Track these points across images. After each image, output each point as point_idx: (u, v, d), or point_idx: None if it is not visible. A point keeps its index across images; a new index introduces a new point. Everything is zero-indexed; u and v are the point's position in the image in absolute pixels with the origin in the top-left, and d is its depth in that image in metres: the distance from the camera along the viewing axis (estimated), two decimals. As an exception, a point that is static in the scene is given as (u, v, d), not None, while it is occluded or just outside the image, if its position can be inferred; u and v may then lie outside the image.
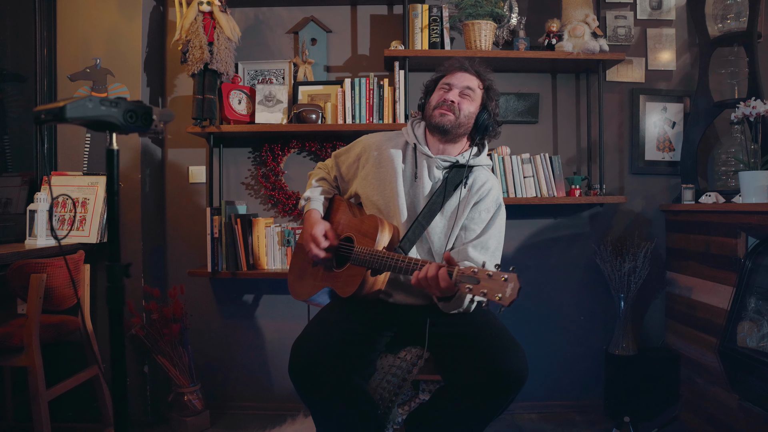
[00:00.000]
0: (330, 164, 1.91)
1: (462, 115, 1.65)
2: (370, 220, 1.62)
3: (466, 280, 1.26)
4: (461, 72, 1.69)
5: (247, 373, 2.70)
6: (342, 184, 1.87)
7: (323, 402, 1.49)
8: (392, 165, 1.69)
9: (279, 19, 2.70)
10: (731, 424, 2.08)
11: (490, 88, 1.71)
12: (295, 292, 1.81)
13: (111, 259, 1.15)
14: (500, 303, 1.20)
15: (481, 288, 1.23)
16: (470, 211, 1.65)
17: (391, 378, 1.61)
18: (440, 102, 1.66)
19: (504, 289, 1.20)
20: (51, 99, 2.51)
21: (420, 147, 1.70)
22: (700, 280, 2.35)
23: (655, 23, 2.73)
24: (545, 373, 2.69)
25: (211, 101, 2.43)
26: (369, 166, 1.74)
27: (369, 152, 1.76)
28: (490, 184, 1.70)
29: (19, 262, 1.86)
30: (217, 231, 2.46)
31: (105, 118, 1.07)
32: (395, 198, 1.65)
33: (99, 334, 2.24)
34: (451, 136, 1.67)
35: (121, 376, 1.16)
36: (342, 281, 1.61)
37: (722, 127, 2.66)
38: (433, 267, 1.34)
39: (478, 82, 1.69)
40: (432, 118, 1.67)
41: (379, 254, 1.50)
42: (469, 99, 1.67)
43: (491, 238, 1.63)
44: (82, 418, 2.43)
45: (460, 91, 1.66)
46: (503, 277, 1.21)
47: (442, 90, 1.69)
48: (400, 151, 1.73)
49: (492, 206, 1.67)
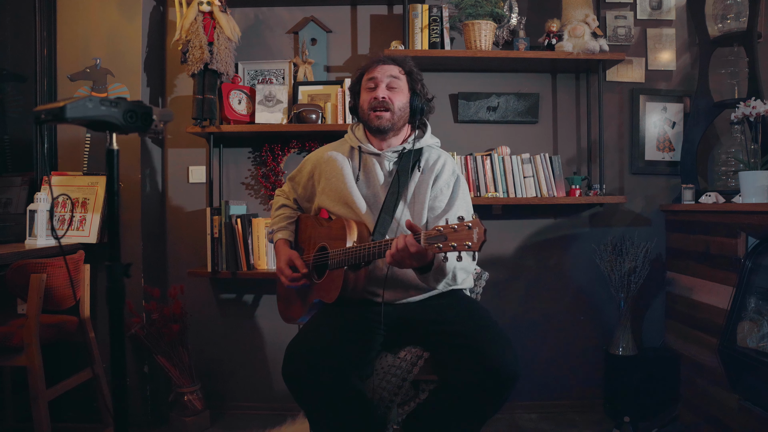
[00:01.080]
0: (287, 189, 1.96)
1: (397, 108, 1.69)
2: (336, 223, 1.66)
3: (433, 240, 1.28)
4: (380, 65, 1.72)
5: (247, 373, 2.71)
6: (304, 204, 1.92)
7: (318, 404, 1.48)
8: (342, 172, 1.73)
9: (279, 19, 2.70)
10: (731, 424, 2.08)
11: (411, 71, 1.74)
12: (288, 318, 1.85)
13: (111, 259, 1.15)
14: (471, 250, 1.22)
15: (450, 242, 1.25)
16: (431, 189, 1.69)
17: (391, 378, 1.61)
18: (371, 102, 1.69)
19: (471, 236, 1.22)
20: (51, 99, 2.51)
21: (365, 147, 1.75)
22: (700, 280, 2.35)
23: (655, 23, 2.73)
24: (545, 373, 2.69)
25: (211, 101, 2.43)
26: (323, 181, 1.78)
27: (319, 167, 1.81)
28: (443, 159, 1.74)
29: (19, 262, 1.86)
30: (217, 231, 2.46)
31: (105, 118, 1.07)
32: (352, 199, 1.69)
33: (99, 334, 2.24)
34: (391, 132, 1.72)
35: (121, 376, 1.16)
36: (325, 288, 1.63)
37: (722, 127, 2.66)
38: (400, 238, 1.36)
39: (398, 69, 1.72)
40: (369, 121, 1.71)
41: (351, 249, 1.53)
42: (397, 90, 1.70)
43: (459, 209, 1.67)
44: (82, 418, 2.43)
45: (387, 84, 1.69)
46: (467, 226, 1.23)
47: (368, 89, 1.72)
48: (347, 157, 1.77)
49: (450, 179, 1.71)
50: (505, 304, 2.69)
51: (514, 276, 2.71)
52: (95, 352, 2.18)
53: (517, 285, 2.71)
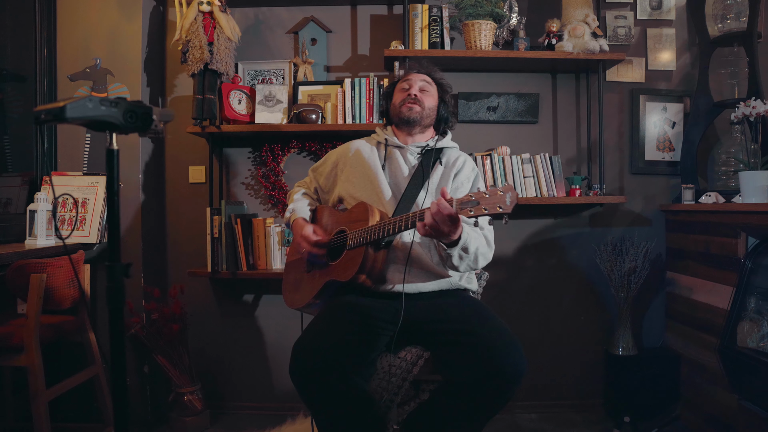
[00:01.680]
0: (308, 180, 2.05)
1: (426, 107, 1.84)
2: (358, 207, 1.71)
3: (466, 205, 1.33)
4: (415, 74, 1.90)
5: (247, 373, 2.71)
6: (323, 195, 2.00)
7: (325, 402, 1.49)
8: (369, 160, 1.85)
9: (279, 19, 2.70)
10: (731, 424, 2.08)
11: (441, 83, 1.91)
12: (294, 303, 1.86)
13: (111, 259, 1.15)
14: (503, 212, 1.27)
15: (482, 206, 1.30)
16: (452, 182, 1.80)
17: (391, 378, 1.61)
18: (404, 98, 1.84)
19: (503, 200, 1.27)
20: (51, 99, 2.51)
21: (391, 140, 1.88)
22: (700, 280, 2.35)
23: (655, 23, 2.73)
24: (545, 373, 2.69)
25: (211, 101, 2.43)
26: (348, 168, 1.88)
27: (345, 156, 1.92)
28: (463, 158, 1.87)
29: (19, 262, 1.86)
30: (217, 231, 2.46)
31: (105, 118, 1.07)
32: (378, 185, 1.78)
33: (99, 334, 2.24)
34: (419, 126, 1.85)
35: (121, 376, 1.16)
36: (341, 268, 1.65)
37: (722, 127, 2.66)
38: (433, 204, 1.39)
39: (430, 79, 1.89)
40: (400, 113, 1.84)
41: (375, 225, 1.56)
42: (428, 93, 1.86)
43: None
44: (82, 418, 2.43)
45: (420, 87, 1.85)
46: (499, 192, 1.29)
47: (402, 90, 1.88)
48: (375, 147, 1.90)
49: (471, 174, 1.85)
50: (505, 304, 2.69)
51: (514, 276, 2.71)
52: (95, 352, 2.18)
53: (517, 285, 2.71)
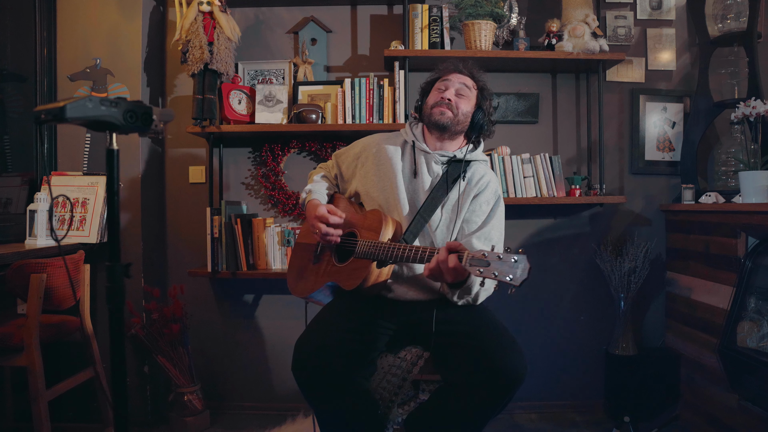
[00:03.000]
0: (330, 164, 1.96)
1: (460, 113, 1.71)
2: (374, 214, 1.66)
3: (476, 263, 1.28)
4: (456, 73, 1.75)
5: (247, 373, 2.70)
6: (342, 183, 1.91)
7: (327, 400, 1.50)
8: (391, 162, 1.74)
9: (279, 19, 2.70)
10: (731, 424, 2.08)
11: (483, 88, 1.78)
12: (296, 290, 1.81)
13: (111, 259, 1.15)
14: (511, 284, 1.22)
15: (492, 270, 1.25)
16: (471, 203, 1.70)
17: (392, 378, 1.61)
18: (438, 101, 1.71)
19: (514, 270, 1.22)
20: (51, 99, 2.51)
21: (418, 144, 1.76)
22: (700, 280, 2.35)
23: (655, 23, 2.73)
24: (545, 373, 2.69)
25: (211, 101, 2.43)
26: (369, 164, 1.78)
27: (368, 151, 1.81)
28: (488, 177, 1.76)
29: (19, 262, 1.86)
30: (217, 231, 2.46)
31: (105, 118, 1.07)
32: (395, 193, 1.69)
33: (99, 334, 2.24)
34: (449, 133, 1.73)
35: (121, 376, 1.16)
36: (346, 274, 1.63)
37: (722, 127, 2.66)
38: (443, 252, 1.35)
39: (472, 82, 1.76)
40: (431, 116, 1.72)
41: (386, 245, 1.52)
42: (465, 98, 1.73)
43: (493, 229, 1.67)
44: (82, 418, 2.43)
45: (456, 90, 1.72)
46: (513, 259, 1.23)
47: (438, 90, 1.74)
48: (399, 148, 1.78)
49: (491, 198, 1.72)
50: (505, 304, 2.69)
51: (514, 276, 2.70)
52: (95, 352, 2.18)
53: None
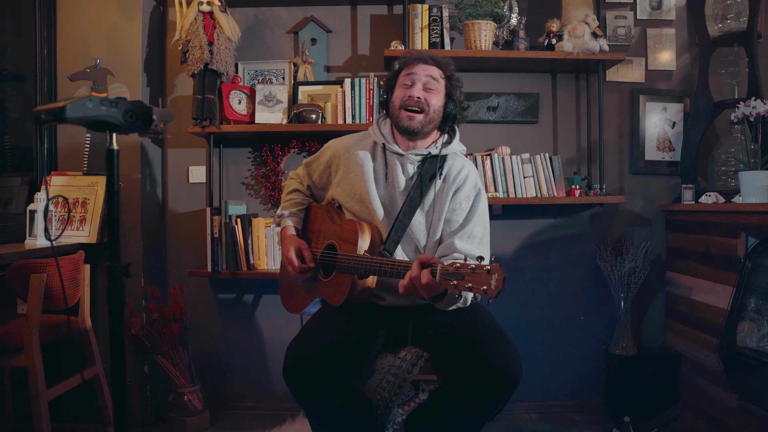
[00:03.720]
0: (302, 173, 1.89)
1: (431, 110, 1.62)
2: (349, 224, 1.62)
3: (450, 277, 1.23)
4: (421, 64, 1.64)
5: (247, 373, 2.70)
6: (317, 191, 1.86)
7: (319, 405, 1.48)
8: (362, 168, 1.66)
9: (279, 19, 2.70)
10: (731, 424, 2.08)
11: (451, 76, 1.66)
12: (289, 307, 1.83)
13: (111, 259, 1.15)
14: (487, 296, 1.17)
15: (466, 283, 1.21)
16: (450, 201, 1.63)
17: (391, 378, 1.61)
18: (405, 100, 1.62)
19: (489, 281, 1.17)
20: (51, 99, 2.51)
21: (389, 146, 1.68)
22: (700, 280, 2.35)
23: (655, 23, 2.73)
24: (545, 373, 2.69)
25: (211, 101, 2.43)
26: (340, 172, 1.72)
27: (338, 158, 1.74)
28: (467, 170, 1.68)
29: (19, 262, 1.86)
30: (217, 231, 2.46)
31: (105, 118, 1.07)
32: (369, 201, 1.63)
33: (99, 334, 2.24)
34: (419, 135, 1.65)
35: (121, 376, 1.16)
36: (332, 290, 1.62)
37: (722, 127, 2.66)
38: (415, 268, 1.30)
39: (439, 71, 1.65)
40: (400, 120, 1.63)
41: (363, 260, 1.49)
42: (434, 92, 1.63)
43: (476, 226, 1.61)
44: (82, 418, 2.43)
45: (424, 84, 1.62)
46: (486, 269, 1.18)
47: (404, 86, 1.64)
48: (369, 152, 1.70)
49: (471, 193, 1.65)
50: (505, 304, 2.69)
51: (514, 276, 2.70)
52: (95, 352, 2.18)
53: (517, 285, 2.71)
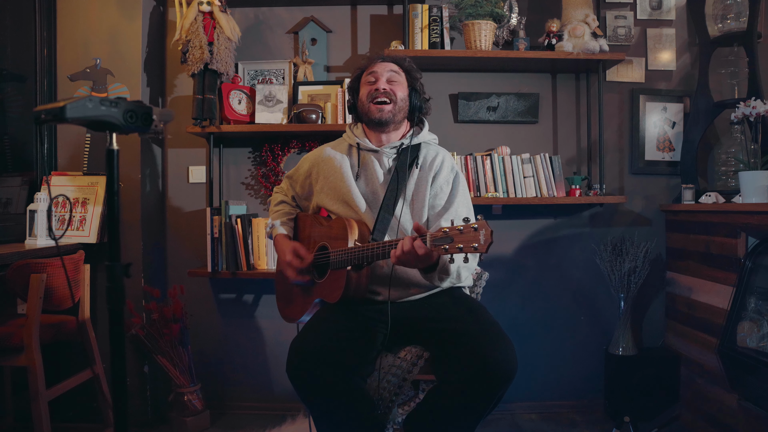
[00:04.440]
0: (285, 187, 1.97)
1: (398, 99, 1.70)
2: (337, 222, 1.66)
3: (439, 241, 1.28)
4: (379, 63, 1.74)
5: (247, 373, 2.71)
6: (302, 202, 1.92)
7: (323, 402, 1.49)
8: (341, 170, 1.74)
9: (279, 19, 2.70)
10: (731, 424, 2.08)
11: (410, 69, 1.76)
12: (288, 316, 1.84)
13: (111, 259, 1.15)
14: (478, 251, 1.22)
15: (456, 244, 1.25)
16: (431, 187, 1.69)
17: (391, 378, 1.61)
18: (372, 93, 1.70)
19: (477, 238, 1.22)
20: (51, 99, 2.51)
21: (363, 144, 1.75)
22: (700, 280, 2.35)
23: (655, 23, 2.73)
24: (545, 373, 2.69)
25: (211, 101, 2.43)
26: (321, 179, 1.79)
27: (318, 166, 1.82)
28: (441, 155, 1.75)
29: (19, 262, 1.86)
30: (217, 231, 2.46)
31: (105, 118, 1.07)
32: (351, 198, 1.69)
33: (99, 334, 2.24)
34: (392, 125, 1.73)
35: (121, 376, 1.16)
36: (328, 288, 1.63)
37: (722, 127, 2.66)
38: (407, 240, 1.36)
39: (397, 67, 1.74)
40: (370, 113, 1.71)
41: (355, 249, 1.52)
42: (397, 83, 1.72)
43: (460, 206, 1.68)
44: (82, 418, 2.43)
45: (387, 78, 1.71)
46: (473, 227, 1.23)
47: (368, 83, 1.73)
48: (345, 155, 1.78)
49: (449, 176, 1.72)
50: (505, 304, 2.69)
51: (514, 276, 2.71)
52: (95, 352, 2.18)
53: (517, 285, 2.71)
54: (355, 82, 1.80)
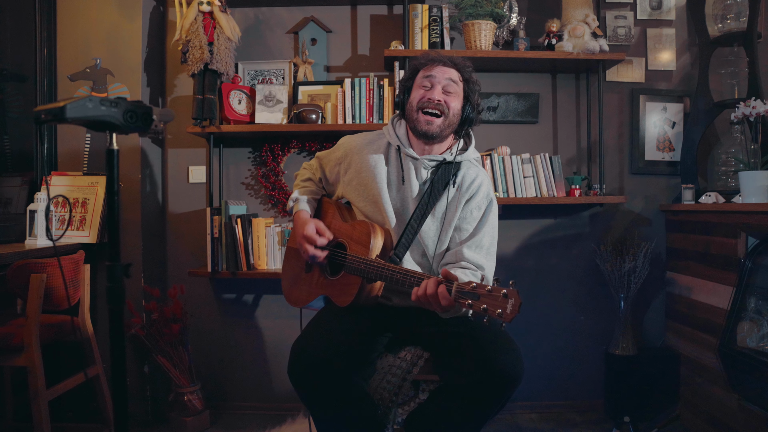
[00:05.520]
0: (315, 165, 1.86)
1: (451, 113, 1.59)
2: (362, 226, 1.58)
3: (465, 296, 1.23)
4: (440, 65, 1.61)
5: (247, 373, 2.71)
6: (328, 186, 1.83)
7: (324, 403, 1.48)
8: (375, 170, 1.63)
9: (279, 19, 2.70)
10: (731, 424, 2.08)
11: (470, 79, 1.64)
12: (291, 299, 1.79)
13: (111, 259, 1.15)
14: (501, 320, 1.17)
15: (481, 304, 1.20)
16: (462, 210, 1.61)
17: (391, 378, 1.61)
18: (425, 102, 1.58)
19: (505, 305, 1.17)
20: (51, 99, 2.51)
21: (404, 149, 1.64)
22: (700, 280, 2.35)
23: (655, 23, 2.73)
24: (545, 373, 2.69)
25: (211, 101, 2.43)
26: (351, 172, 1.69)
27: (350, 157, 1.71)
28: (480, 179, 1.65)
29: (19, 262, 1.86)
30: (217, 231, 2.46)
31: (105, 118, 1.07)
32: (381, 204, 1.61)
33: (99, 334, 2.24)
34: (437, 139, 1.62)
35: (121, 376, 1.16)
36: (338, 290, 1.59)
37: (722, 127, 2.66)
38: (432, 284, 1.29)
39: (458, 74, 1.62)
40: (417, 123, 1.60)
41: (375, 264, 1.46)
42: (453, 95, 1.60)
43: (485, 236, 1.61)
44: (82, 418, 2.43)
45: (443, 86, 1.59)
46: (503, 292, 1.18)
47: (423, 88, 1.61)
48: (382, 154, 1.66)
49: (483, 203, 1.63)
50: (505, 304, 2.69)
51: (514, 276, 2.71)
52: (95, 352, 2.18)
53: (517, 285, 2.70)
54: (409, 80, 1.66)
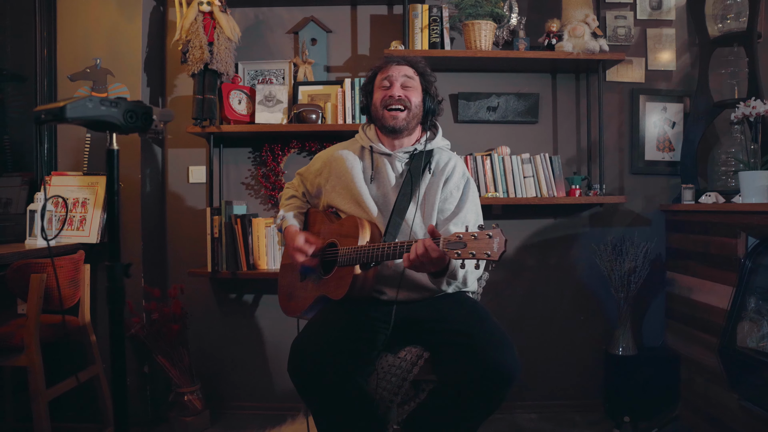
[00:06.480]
0: (296, 182, 1.97)
1: (413, 106, 1.70)
2: (349, 221, 1.66)
3: (453, 246, 1.29)
4: (394, 65, 1.74)
5: (247, 373, 2.71)
6: (312, 200, 1.93)
7: (324, 401, 1.49)
8: (352, 171, 1.74)
9: (279, 19, 2.70)
10: (731, 424, 2.08)
11: (424, 72, 1.75)
12: (288, 310, 1.84)
13: (111, 259, 1.15)
14: (490, 259, 1.23)
15: (469, 249, 1.26)
16: (441, 192, 1.70)
17: (392, 378, 1.61)
18: (386, 100, 1.70)
19: (491, 245, 1.23)
20: (51, 99, 2.51)
21: (376, 147, 1.75)
22: (700, 280, 2.35)
23: (655, 23, 2.73)
24: (545, 373, 2.69)
25: (211, 101, 2.43)
26: (333, 178, 1.79)
27: (329, 165, 1.81)
28: (453, 161, 1.76)
29: (19, 262, 1.86)
30: (217, 231, 2.46)
31: (105, 118, 1.07)
32: (363, 200, 1.70)
33: (99, 334, 2.24)
34: (405, 132, 1.73)
35: (121, 376, 1.17)
36: (333, 285, 1.63)
37: (722, 127, 2.66)
38: (420, 243, 1.37)
39: (412, 71, 1.74)
40: (384, 120, 1.71)
41: (365, 247, 1.52)
42: (412, 89, 1.72)
43: (468, 212, 1.69)
44: (82, 418, 2.43)
45: (402, 83, 1.71)
46: (488, 234, 1.24)
47: (383, 88, 1.72)
48: (358, 156, 1.78)
49: (461, 182, 1.73)
50: (505, 304, 2.69)
51: (514, 276, 2.71)
52: (95, 352, 2.18)
53: (517, 285, 2.71)
54: (368, 84, 1.79)
